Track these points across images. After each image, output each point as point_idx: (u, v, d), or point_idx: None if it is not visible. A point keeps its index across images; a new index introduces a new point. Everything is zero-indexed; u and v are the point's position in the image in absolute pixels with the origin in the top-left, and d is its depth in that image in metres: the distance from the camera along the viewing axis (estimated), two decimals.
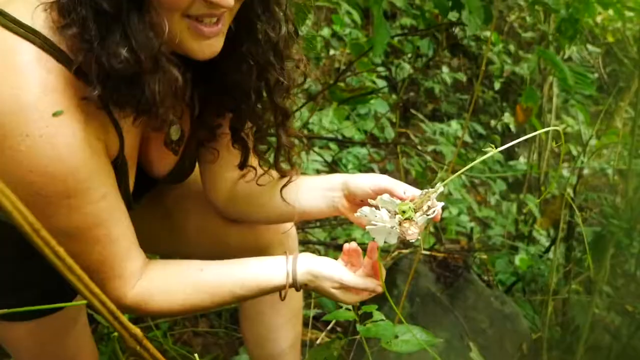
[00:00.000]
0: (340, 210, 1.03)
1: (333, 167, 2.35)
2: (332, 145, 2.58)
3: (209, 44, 0.83)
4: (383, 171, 2.88)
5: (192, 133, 1.06)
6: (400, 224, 0.84)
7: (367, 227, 0.87)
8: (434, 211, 0.86)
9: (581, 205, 2.86)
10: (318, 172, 2.65)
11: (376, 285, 0.95)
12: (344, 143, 2.48)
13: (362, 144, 2.46)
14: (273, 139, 1.06)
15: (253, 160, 1.09)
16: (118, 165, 0.90)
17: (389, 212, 0.85)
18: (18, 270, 1.01)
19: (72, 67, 0.78)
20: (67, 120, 0.78)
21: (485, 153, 0.92)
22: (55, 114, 0.76)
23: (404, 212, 0.84)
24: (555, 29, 1.98)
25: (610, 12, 2.61)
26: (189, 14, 0.80)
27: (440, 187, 0.87)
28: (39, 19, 0.78)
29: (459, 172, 0.98)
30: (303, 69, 0.99)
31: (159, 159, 1.04)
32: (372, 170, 2.89)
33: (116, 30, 0.77)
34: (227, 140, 1.07)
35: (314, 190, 1.06)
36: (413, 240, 0.84)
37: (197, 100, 1.02)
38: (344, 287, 0.96)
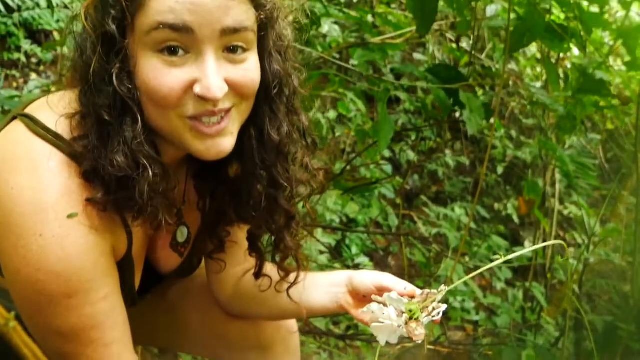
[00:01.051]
0: (343, 307, 1.05)
1: (335, 253, 2.37)
2: (336, 230, 2.60)
3: (215, 144, 0.85)
4: (387, 254, 2.89)
5: (200, 235, 1.08)
6: (406, 324, 0.85)
7: (372, 325, 0.87)
8: (438, 313, 0.87)
9: (589, 293, 2.84)
10: (321, 252, 2.66)
11: None
12: (348, 230, 2.50)
13: (366, 233, 2.48)
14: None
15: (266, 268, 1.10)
16: (124, 265, 0.93)
17: (396, 310, 0.86)
18: None
19: (81, 173, 0.83)
20: (80, 223, 0.82)
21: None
22: (69, 216, 0.81)
23: (410, 311, 0.86)
24: (555, 123, 2.06)
25: None
26: (187, 115, 0.83)
27: (444, 290, 0.89)
28: (62, 126, 0.85)
29: (465, 278, 1.00)
30: (321, 178, 1.02)
31: (165, 258, 1.06)
32: (376, 253, 2.90)
33: (114, 138, 0.82)
34: (232, 242, 1.09)
35: (318, 287, 1.09)
36: (419, 341, 0.85)
37: (209, 207, 1.05)
38: None
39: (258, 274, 1.08)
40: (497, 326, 2.59)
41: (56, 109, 0.85)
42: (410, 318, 0.85)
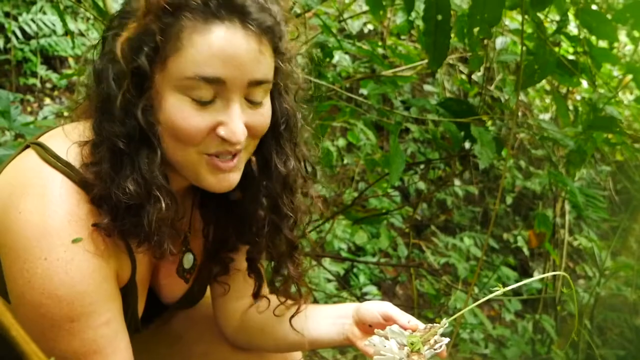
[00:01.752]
0: (349, 339, 1.05)
1: (343, 281, 2.36)
2: (344, 255, 2.59)
3: (225, 178, 0.90)
4: (395, 283, 2.87)
5: (204, 262, 1.10)
6: (408, 356, 0.86)
7: (374, 358, 0.88)
8: (440, 346, 0.87)
9: (600, 326, 2.81)
10: (329, 281, 2.65)
11: None
12: (357, 261, 2.50)
13: (376, 264, 2.48)
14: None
15: (265, 290, 1.13)
16: (128, 291, 0.94)
17: (398, 343, 0.88)
18: None
19: (90, 199, 0.85)
20: (85, 248, 0.84)
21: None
22: (74, 241, 0.83)
23: (412, 344, 0.86)
24: (565, 157, 2.07)
25: None
26: (206, 152, 0.87)
27: (445, 323, 0.89)
28: (73, 154, 0.87)
29: (464, 310, 1.00)
30: (320, 205, 1.06)
31: (170, 285, 1.07)
32: (383, 282, 2.88)
33: (127, 166, 0.85)
34: (239, 272, 1.11)
35: (324, 319, 1.09)
36: None
37: (213, 234, 1.08)
38: None
39: (257, 294, 1.10)
40: (506, 358, 2.56)
41: (68, 137, 0.88)
42: (412, 351, 0.86)
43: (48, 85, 3.36)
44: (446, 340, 0.89)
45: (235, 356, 1.22)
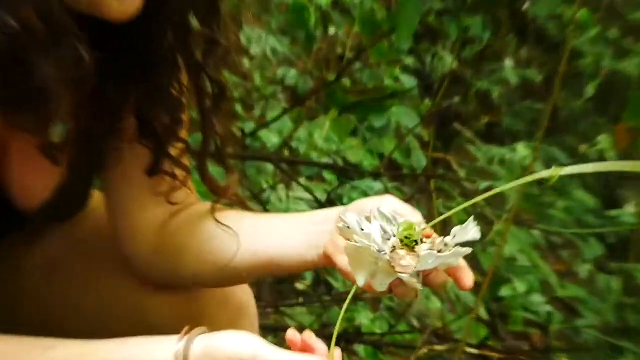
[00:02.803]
0: (327, 255, 1.05)
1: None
2: (328, 176, 2.61)
3: (133, 1, 0.95)
4: None
5: (80, 133, 1.11)
6: (392, 251, 0.84)
7: (344, 246, 0.87)
8: (454, 256, 0.85)
9: None
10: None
11: None
12: (347, 172, 2.52)
13: (376, 175, 2.49)
14: None
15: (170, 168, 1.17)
16: None
17: (385, 231, 0.86)
18: None
19: None
20: None
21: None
22: None
23: (406, 237, 0.84)
24: None
25: None
26: None
27: (472, 225, 0.86)
28: None
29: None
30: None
31: (29, 178, 1.10)
32: None
33: None
34: (143, 162, 1.14)
35: (291, 226, 1.13)
36: (405, 277, 0.83)
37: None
38: None
39: (153, 170, 1.15)
40: (579, 330, 2.64)
41: None
42: (402, 244, 0.84)
43: None
44: (466, 250, 0.85)
45: (150, 299, 1.26)
